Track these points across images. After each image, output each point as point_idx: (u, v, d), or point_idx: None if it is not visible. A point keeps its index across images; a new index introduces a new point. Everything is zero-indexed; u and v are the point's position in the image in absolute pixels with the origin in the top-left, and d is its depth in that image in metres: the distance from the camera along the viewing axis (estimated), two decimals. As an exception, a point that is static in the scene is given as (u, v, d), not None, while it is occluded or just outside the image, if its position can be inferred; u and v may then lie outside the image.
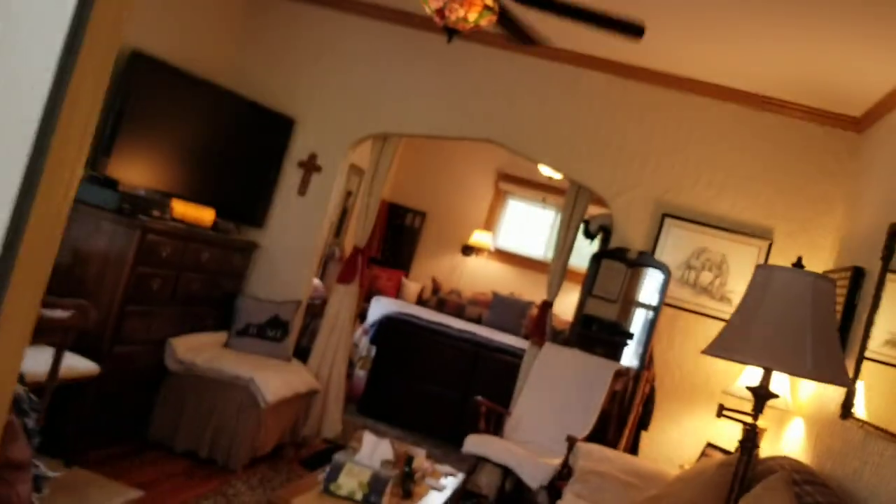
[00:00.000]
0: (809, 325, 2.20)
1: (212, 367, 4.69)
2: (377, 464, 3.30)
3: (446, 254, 9.70)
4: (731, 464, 3.43)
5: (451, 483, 3.96)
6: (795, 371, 2.16)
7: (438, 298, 9.15)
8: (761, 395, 2.34)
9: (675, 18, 4.31)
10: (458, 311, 8.95)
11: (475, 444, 4.65)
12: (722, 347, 2.32)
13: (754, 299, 2.32)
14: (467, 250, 9.60)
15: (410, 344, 7.04)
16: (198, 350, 4.82)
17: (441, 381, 6.91)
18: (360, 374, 7.53)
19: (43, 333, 3.39)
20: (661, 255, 5.17)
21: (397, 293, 9.18)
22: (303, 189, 5.63)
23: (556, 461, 4.48)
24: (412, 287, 9.28)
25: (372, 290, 8.99)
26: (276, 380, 4.79)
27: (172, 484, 4.27)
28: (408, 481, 3.49)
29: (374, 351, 7.25)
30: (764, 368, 2.32)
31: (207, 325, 5.14)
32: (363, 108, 5.62)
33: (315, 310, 6.15)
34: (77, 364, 3.84)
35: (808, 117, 5.02)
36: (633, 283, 5.96)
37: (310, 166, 5.62)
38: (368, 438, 3.32)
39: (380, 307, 8.10)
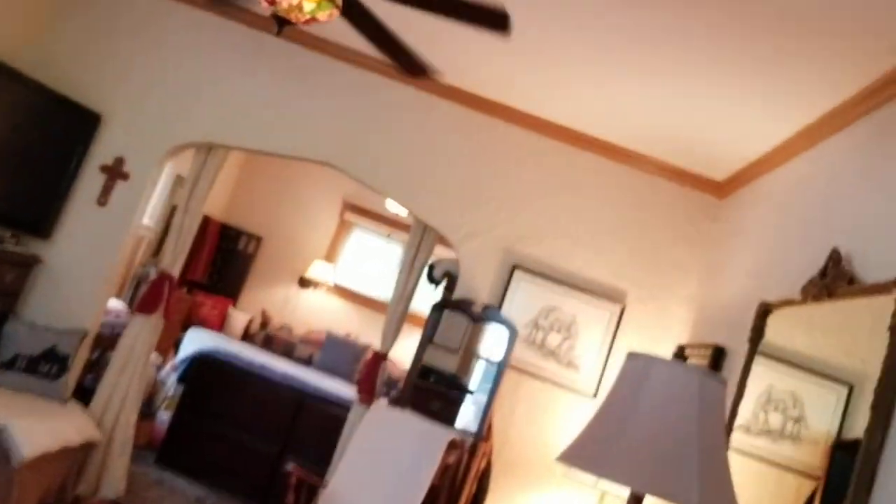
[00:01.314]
0: (696, 440, 1.70)
1: (-50, 411, 3.72)
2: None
3: (281, 284, 8.90)
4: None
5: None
6: (678, 499, 1.64)
7: (267, 334, 8.32)
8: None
9: (541, 57, 3.88)
10: (287, 350, 8.15)
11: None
12: (583, 457, 1.78)
13: (625, 398, 1.80)
14: (305, 282, 8.84)
15: (225, 385, 6.20)
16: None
17: (258, 431, 6.10)
18: (165, 417, 6.58)
19: None
20: (508, 309, 4.69)
21: (222, 324, 8.27)
22: (104, 198, 4.74)
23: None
24: (239, 318, 8.40)
25: (193, 320, 8.04)
26: (39, 429, 3.87)
27: None
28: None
29: (181, 391, 6.34)
30: (635, 494, 1.79)
31: (-42, 355, 4.15)
32: (186, 112, 4.83)
33: (106, 342, 5.22)
34: None
35: (669, 176, 4.73)
36: (477, 334, 5.49)
37: (115, 172, 4.76)
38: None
39: (194, 341, 7.18)
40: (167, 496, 5.41)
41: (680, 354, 4.39)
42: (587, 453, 1.76)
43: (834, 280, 2.62)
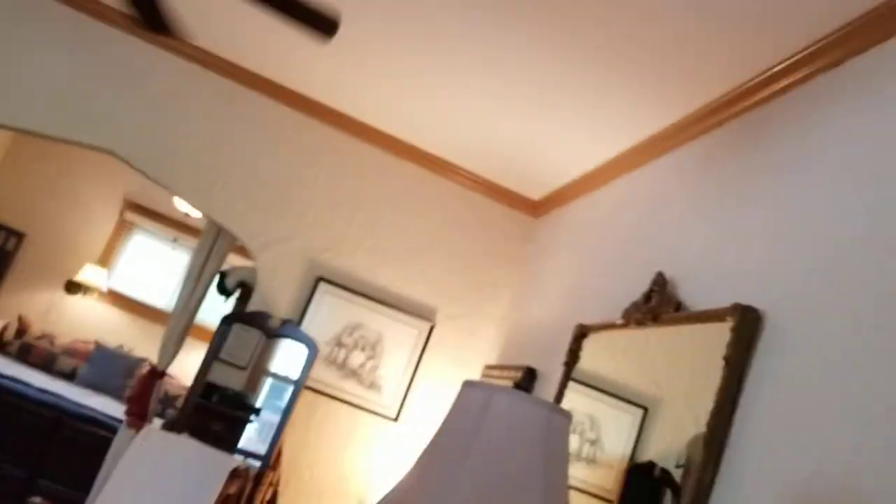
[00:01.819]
0: (541, 478, 1.43)
1: None
2: None
3: (44, 288, 7.83)
4: None
5: None
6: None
7: (23, 343, 7.26)
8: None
9: (364, 58, 3.56)
10: (48, 363, 7.16)
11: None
12: (413, 500, 1.44)
13: (460, 436, 1.49)
14: (73, 287, 7.84)
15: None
16: None
17: (4, 454, 5.22)
18: None
19: None
20: (309, 324, 4.29)
21: None
22: None
23: None
24: (-12, 325, 7.29)
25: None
26: None
27: None
28: None
29: None
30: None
31: None
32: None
33: None
34: None
35: (488, 192, 4.57)
36: (270, 350, 5.06)
37: None
38: None
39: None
40: None
41: (487, 376, 4.21)
42: (418, 497, 1.43)
43: (660, 304, 2.50)
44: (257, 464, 3.99)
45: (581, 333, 3.04)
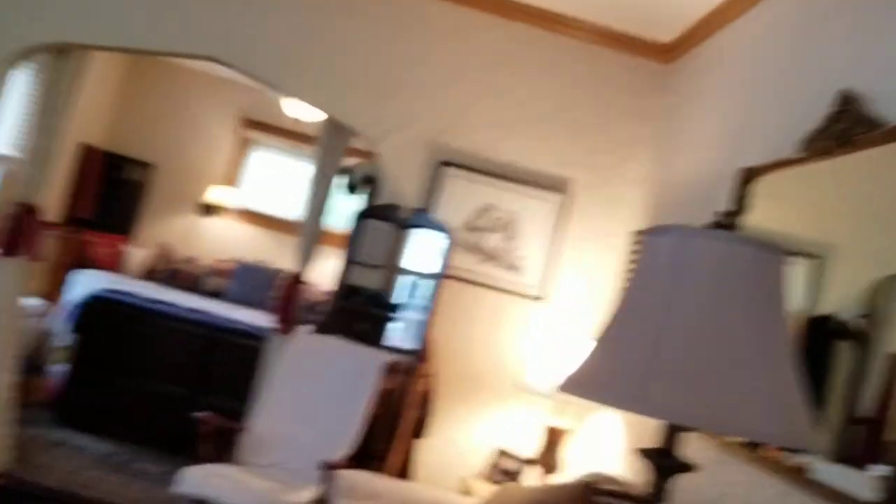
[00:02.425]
0: (756, 343, 1.16)
1: None
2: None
3: (180, 214, 8.05)
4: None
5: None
6: (745, 432, 1.11)
7: (170, 270, 7.52)
8: (665, 466, 1.28)
9: None
10: (194, 284, 7.41)
11: (193, 481, 3.32)
12: (601, 386, 1.21)
13: (652, 295, 1.23)
14: (206, 210, 8.02)
15: (125, 329, 5.49)
16: None
17: (165, 374, 5.44)
18: (59, 370, 5.82)
19: None
20: (440, 212, 4.10)
21: (117, 263, 7.42)
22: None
23: (306, 494, 3.28)
24: (137, 255, 7.57)
25: (84, 261, 7.17)
26: None
27: None
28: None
29: (75, 340, 5.58)
30: (673, 428, 1.25)
31: None
32: (33, 6, 3.94)
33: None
34: None
35: (609, 42, 4.15)
36: (402, 244, 4.96)
37: (-56, 87, 3.87)
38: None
39: (85, 283, 6.36)
40: (69, 457, 4.75)
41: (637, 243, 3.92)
42: (607, 380, 1.20)
43: (850, 126, 2.11)
44: (409, 359, 3.91)
45: (747, 178, 2.68)
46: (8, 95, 4.15)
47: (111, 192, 7.85)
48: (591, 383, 1.21)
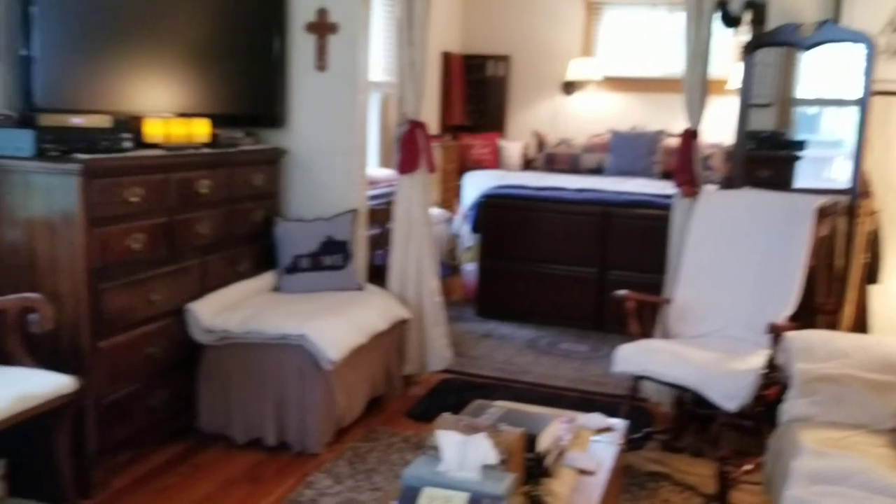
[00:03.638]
0: None
1: (250, 331, 3.45)
2: (475, 472, 1.94)
3: (544, 99, 8.01)
4: None
5: (608, 442, 2.57)
6: None
7: (546, 155, 7.57)
8: None
9: None
10: (573, 165, 7.37)
11: (631, 358, 3.23)
12: None
13: None
14: (568, 88, 7.87)
15: (520, 221, 5.61)
16: (231, 310, 3.58)
17: (569, 257, 5.49)
18: (471, 268, 6.20)
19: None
20: (848, 20, 3.39)
21: (497, 160, 7.66)
22: (321, 62, 4.14)
23: (755, 361, 2.99)
24: (512, 149, 7.73)
25: (467, 164, 7.52)
26: (338, 327, 3.50)
27: (237, 492, 3.14)
28: (537, 484, 2.13)
29: (477, 239, 5.88)
30: None
31: (243, 272, 3.88)
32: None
33: (384, 215, 4.75)
34: (31, 387, 2.64)
35: None
36: (795, 74, 4.32)
37: (322, 27, 4.11)
38: (448, 439, 1.96)
39: (474, 185, 6.64)
40: (498, 346, 5.05)
41: None
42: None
43: None
44: (841, 200, 3.36)
45: None
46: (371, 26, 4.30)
47: (476, 93, 8.08)
48: None
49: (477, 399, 2.56)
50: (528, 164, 7.67)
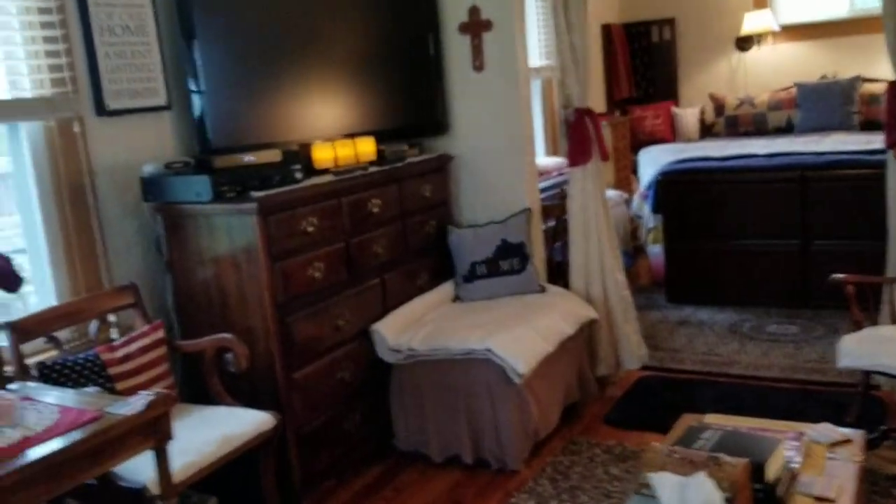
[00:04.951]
0: None
1: (435, 348, 3.38)
2: (697, 513, 1.72)
3: (717, 58, 7.45)
4: None
5: (845, 459, 2.24)
6: None
7: (727, 118, 7.02)
8: None
9: None
10: (758, 126, 6.80)
11: (858, 351, 2.84)
12: None
13: None
14: (743, 43, 7.26)
15: (706, 197, 5.21)
16: (415, 326, 3.54)
17: (764, 230, 5.03)
18: (656, 250, 5.86)
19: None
20: None
21: (671, 130, 7.21)
22: (478, 61, 3.99)
23: None
24: (688, 116, 7.25)
25: (639, 139, 7.14)
26: (524, 338, 3.35)
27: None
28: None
29: (659, 219, 5.54)
30: None
31: (422, 285, 3.83)
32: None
33: (557, 209, 4.53)
34: (234, 428, 2.70)
35: None
36: None
37: (476, 26, 3.96)
38: (665, 482, 1.74)
39: (650, 162, 6.27)
40: (697, 334, 4.71)
41: None
42: None
43: None
44: None
45: None
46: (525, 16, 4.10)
47: (642, 62, 7.65)
48: None
49: (680, 404, 2.31)
50: (707, 131, 7.17)
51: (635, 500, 1.83)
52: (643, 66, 7.65)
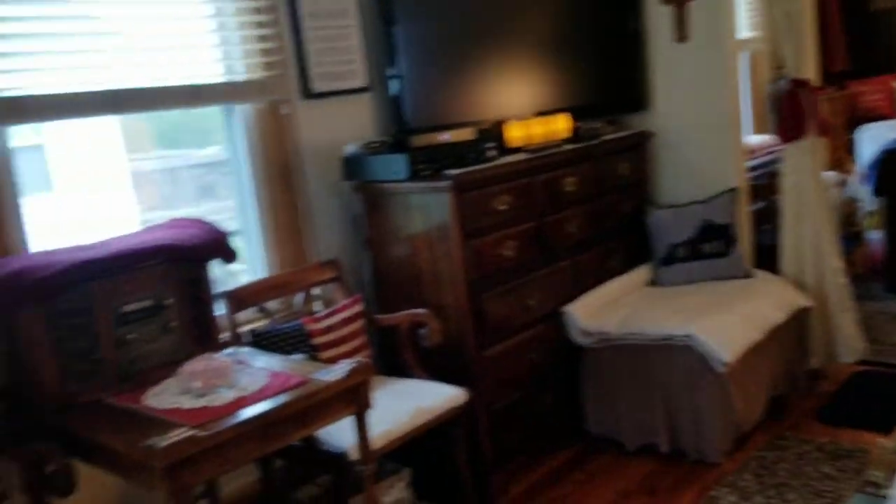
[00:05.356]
0: None
1: (630, 332, 3.25)
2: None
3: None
4: None
5: None
6: None
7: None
8: None
9: None
10: None
11: None
12: None
13: None
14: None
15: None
16: (608, 309, 3.42)
17: None
18: (875, 236, 5.33)
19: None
20: None
21: (893, 107, 6.53)
22: (681, 32, 3.78)
23: None
24: (917, 88, 6.53)
25: (857, 116, 6.52)
26: (729, 324, 3.15)
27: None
28: None
29: (881, 202, 5.02)
30: None
31: (616, 268, 3.70)
32: None
33: (766, 189, 4.22)
34: (427, 401, 2.73)
35: None
36: None
37: (678, -5, 3.76)
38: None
39: (871, 139, 5.70)
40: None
41: None
42: None
43: None
44: None
45: None
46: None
47: (859, 31, 6.96)
48: None
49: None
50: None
51: (858, 500, 1.65)
52: (861, 35, 6.95)
